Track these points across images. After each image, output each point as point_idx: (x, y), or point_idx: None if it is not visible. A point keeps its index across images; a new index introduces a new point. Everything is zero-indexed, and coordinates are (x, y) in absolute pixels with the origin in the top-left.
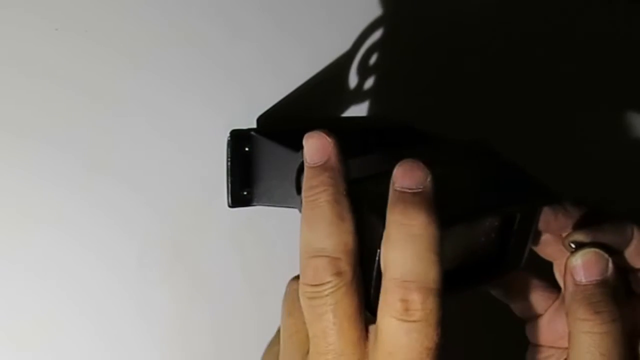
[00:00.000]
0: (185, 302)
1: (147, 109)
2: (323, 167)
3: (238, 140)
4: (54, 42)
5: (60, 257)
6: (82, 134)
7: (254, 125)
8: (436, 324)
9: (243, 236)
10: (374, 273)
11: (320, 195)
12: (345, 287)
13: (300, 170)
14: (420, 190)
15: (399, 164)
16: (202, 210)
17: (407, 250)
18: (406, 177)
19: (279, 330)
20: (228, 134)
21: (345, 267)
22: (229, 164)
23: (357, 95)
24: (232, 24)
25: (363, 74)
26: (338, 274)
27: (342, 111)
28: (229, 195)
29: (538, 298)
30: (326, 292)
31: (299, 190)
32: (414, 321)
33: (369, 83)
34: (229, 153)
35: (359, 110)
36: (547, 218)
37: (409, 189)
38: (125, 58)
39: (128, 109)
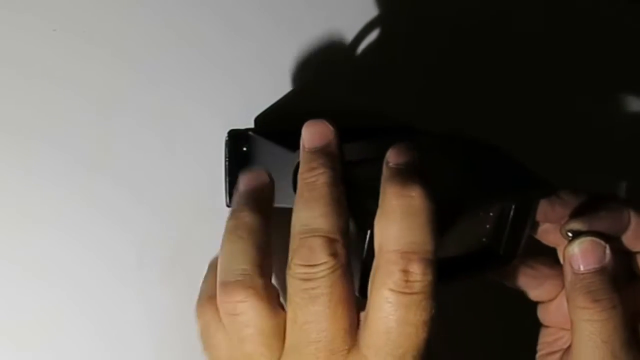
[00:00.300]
0: (185, 302)
1: (145, 109)
2: (323, 151)
3: (236, 140)
4: (53, 43)
5: (60, 257)
6: (80, 134)
7: (252, 125)
8: (433, 296)
9: None
10: (364, 253)
11: (319, 177)
12: (341, 270)
13: (298, 169)
14: (414, 166)
15: (391, 147)
16: (200, 210)
17: (406, 222)
18: (400, 155)
19: None
20: (226, 134)
21: (341, 249)
22: (227, 163)
23: (356, 95)
24: (230, 24)
25: (362, 74)
26: (334, 255)
27: (341, 111)
28: (228, 195)
29: (548, 284)
30: (321, 274)
31: (296, 190)
32: (414, 293)
33: (368, 83)
34: (227, 153)
35: (357, 110)
36: (545, 209)
37: (404, 165)
38: (123, 58)
39: (126, 109)
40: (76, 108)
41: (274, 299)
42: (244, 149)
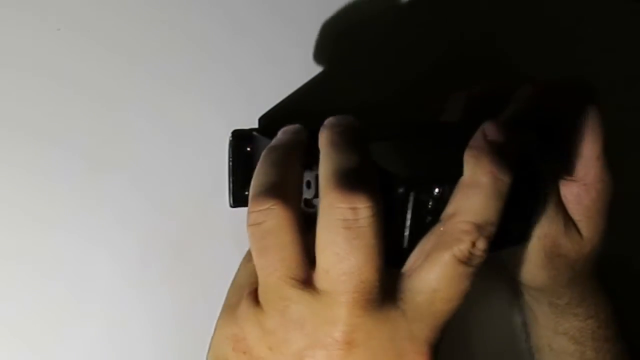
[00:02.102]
0: (187, 301)
1: (150, 109)
2: (348, 119)
3: (240, 140)
4: (57, 42)
5: (64, 254)
6: (84, 134)
7: (256, 125)
8: (477, 274)
9: (244, 236)
10: (409, 215)
11: (347, 133)
12: (380, 218)
13: None
14: (513, 149)
15: (492, 119)
16: (203, 210)
17: (491, 201)
18: (501, 133)
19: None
20: (230, 134)
21: (377, 194)
22: (231, 164)
23: (360, 95)
24: (234, 24)
25: (365, 73)
26: (376, 200)
27: (345, 111)
28: (231, 195)
29: None
30: (364, 222)
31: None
32: (470, 266)
33: (372, 83)
34: (231, 153)
35: (362, 109)
36: None
37: (504, 146)
38: (128, 58)
39: (130, 108)
40: (79, 107)
41: (302, 219)
42: (248, 149)
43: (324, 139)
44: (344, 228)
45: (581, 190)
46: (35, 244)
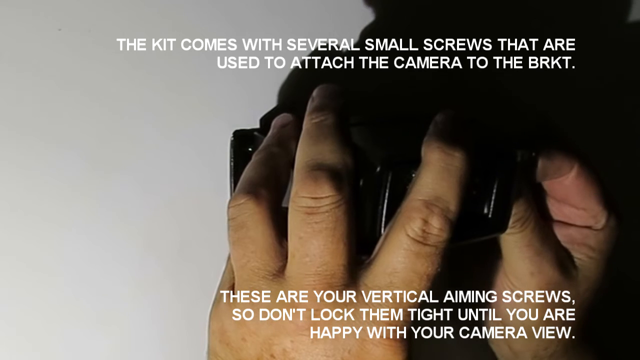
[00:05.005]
0: (189, 300)
1: (151, 109)
2: (332, 101)
3: (241, 140)
4: (58, 42)
5: (66, 253)
6: (85, 134)
7: (257, 126)
8: (442, 254)
9: None
10: (386, 195)
11: (328, 117)
12: (345, 206)
13: None
14: (465, 130)
15: (441, 111)
16: (205, 210)
17: (443, 177)
18: (449, 118)
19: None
20: (231, 135)
21: (347, 186)
22: (232, 164)
23: (361, 96)
24: (235, 24)
25: (367, 74)
26: (340, 189)
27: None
28: (232, 195)
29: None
30: (326, 208)
31: None
32: (427, 245)
33: (373, 84)
34: (232, 153)
35: (361, 110)
36: (545, 166)
37: (453, 126)
38: (128, 58)
39: (131, 109)
40: (80, 107)
41: (276, 215)
42: (249, 149)
43: (303, 127)
44: (307, 214)
45: (590, 233)
46: (37, 244)
